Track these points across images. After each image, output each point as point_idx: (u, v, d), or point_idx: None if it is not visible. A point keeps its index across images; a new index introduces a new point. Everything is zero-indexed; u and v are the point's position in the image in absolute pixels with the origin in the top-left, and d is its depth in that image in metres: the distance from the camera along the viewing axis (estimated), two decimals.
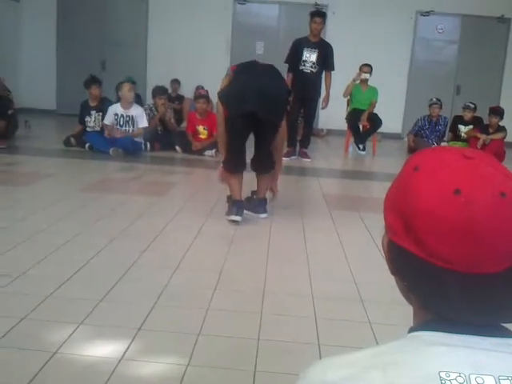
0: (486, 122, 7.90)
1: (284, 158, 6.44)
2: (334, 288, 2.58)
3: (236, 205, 3.59)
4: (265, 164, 3.78)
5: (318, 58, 6.35)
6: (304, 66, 6.38)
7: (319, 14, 6.32)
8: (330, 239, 3.39)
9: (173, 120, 6.97)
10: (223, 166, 3.72)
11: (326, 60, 6.40)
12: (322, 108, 6.83)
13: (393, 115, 9.57)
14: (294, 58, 6.39)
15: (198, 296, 2.37)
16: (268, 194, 3.95)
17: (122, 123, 6.33)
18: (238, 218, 3.53)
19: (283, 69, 6.53)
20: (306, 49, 6.36)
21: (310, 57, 6.35)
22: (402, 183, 0.69)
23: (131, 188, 4.74)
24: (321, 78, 6.52)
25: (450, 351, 0.59)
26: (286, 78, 6.43)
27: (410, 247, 0.65)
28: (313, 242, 3.30)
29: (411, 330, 0.67)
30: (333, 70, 6.52)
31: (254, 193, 3.88)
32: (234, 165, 3.63)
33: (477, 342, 0.60)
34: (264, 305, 2.30)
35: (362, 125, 7.58)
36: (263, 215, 3.78)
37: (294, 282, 2.63)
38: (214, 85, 10.75)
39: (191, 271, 2.69)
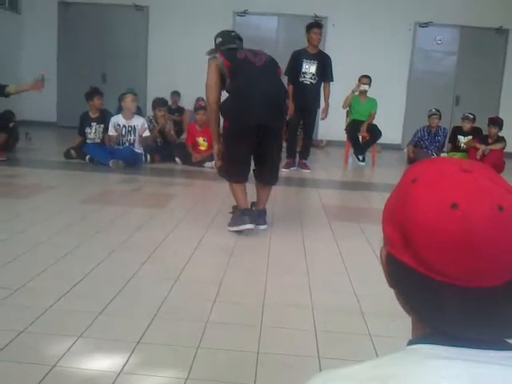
0: (485, 132, 7.92)
1: (284, 169, 6.49)
2: (333, 300, 2.58)
3: (247, 213, 3.57)
4: (272, 175, 3.75)
5: (318, 69, 6.39)
6: (304, 77, 6.42)
7: (317, 25, 6.38)
8: (330, 250, 3.39)
9: (173, 132, 6.99)
10: (229, 179, 3.68)
11: (325, 71, 6.45)
12: (322, 118, 6.86)
13: (392, 126, 9.61)
14: (294, 69, 6.43)
15: (197, 309, 2.36)
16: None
17: (124, 133, 6.37)
18: (251, 226, 3.53)
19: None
20: (305, 60, 6.41)
21: (310, 68, 6.39)
22: (400, 195, 0.69)
23: (131, 200, 4.75)
24: (320, 88, 6.57)
25: (449, 364, 0.59)
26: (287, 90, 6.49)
27: (408, 261, 0.65)
28: (312, 253, 3.30)
29: (410, 342, 0.67)
30: (332, 80, 6.57)
31: (253, 204, 3.86)
32: (241, 176, 3.63)
33: (476, 354, 0.60)
34: (264, 317, 2.29)
35: (362, 136, 7.60)
36: (263, 227, 3.77)
37: (294, 294, 2.63)
38: None
39: (191, 283, 2.68)
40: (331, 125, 9.07)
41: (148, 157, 6.46)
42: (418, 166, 0.72)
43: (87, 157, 6.31)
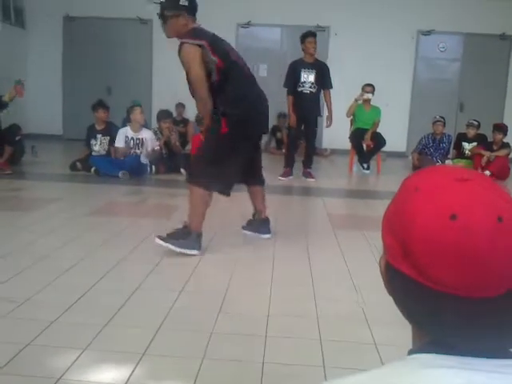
0: (490, 138, 7.91)
1: (281, 178, 6.52)
2: (339, 309, 2.57)
3: (201, 238, 3.32)
4: (262, 175, 3.75)
5: (316, 77, 6.41)
6: (303, 87, 6.45)
7: (312, 34, 6.40)
8: (335, 259, 3.38)
9: (178, 143, 7.02)
10: (207, 185, 3.26)
11: (324, 79, 6.47)
12: (327, 126, 6.85)
13: (397, 134, 9.61)
14: (293, 80, 6.46)
15: (202, 319, 2.36)
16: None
17: (132, 146, 6.43)
18: (199, 253, 3.27)
19: (284, 92, 6.61)
20: (303, 70, 6.43)
21: (308, 77, 6.42)
22: (398, 205, 0.69)
23: (137, 211, 4.76)
24: (319, 97, 6.58)
25: (448, 373, 0.59)
26: (287, 101, 6.53)
27: (407, 270, 0.65)
28: (317, 262, 3.29)
29: (410, 352, 0.67)
30: (331, 87, 6.58)
31: (254, 214, 3.82)
32: (228, 188, 3.40)
33: (477, 363, 0.60)
34: (268, 328, 2.29)
35: (366, 144, 7.61)
36: (266, 236, 3.76)
37: (299, 303, 2.62)
38: None
39: (196, 294, 2.69)
40: (335, 133, 9.09)
41: (153, 168, 6.50)
42: (416, 176, 0.72)
43: (93, 169, 6.35)
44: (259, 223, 3.77)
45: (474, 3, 9.65)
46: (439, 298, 0.62)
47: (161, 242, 3.21)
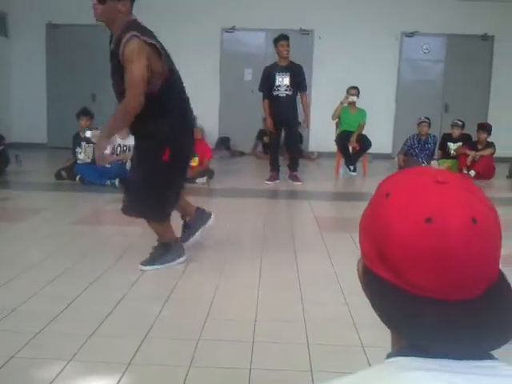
0: (474, 138, 7.98)
1: (267, 182, 6.53)
2: (326, 312, 2.57)
3: (180, 244, 3.27)
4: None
5: (291, 80, 6.42)
6: (278, 90, 6.46)
7: (284, 38, 6.41)
8: (322, 262, 3.38)
9: None
10: (164, 215, 3.12)
11: (299, 81, 6.47)
12: (304, 128, 6.83)
13: (383, 135, 9.67)
14: (268, 84, 6.48)
15: (188, 327, 2.35)
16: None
17: (118, 153, 6.40)
18: (186, 256, 3.24)
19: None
20: (277, 74, 6.45)
21: (283, 81, 6.43)
22: (374, 210, 0.69)
23: (122, 219, 4.65)
24: (296, 99, 6.58)
25: (426, 375, 0.59)
26: (262, 105, 6.54)
27: (384, 274, 0.65)
28: (305, 265, 3.30)
29: (389, 355, 0.67)
30: (306, 89, 6.59)
31: (184, 217, 3.52)
32: (173, 208, 3.25)
33: (456, 365, 0.60)
34: (256, 333, 2.28)
35: (352, 146, 7.64)
36: (211, 220, 3.48)
37: (286, 308, 2.62)
38: (205, 113, 10.83)
39: (182, 302, 2.67)
40: (322, 136, 9.13)
41: None
42: (391, 180, 0.71)
43: (78, 177, 6.30)
44: (195, 218, 3.45)
45: (456, 4, 9.75)
46: (416, 302, 0.62)
47: (147, 268, 3.10)
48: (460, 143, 7.98)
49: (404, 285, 0.63)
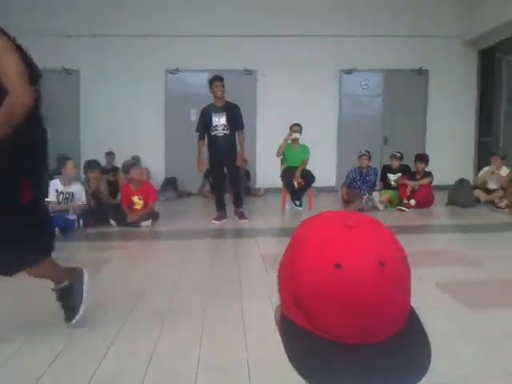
0: (413, 168, 8.27)
1: (214, 222, 6.52)
2: (270, 356, 2.53)
3: (74, 271, 2.99)
4: None
5: (228, 120, 6.53)
6: (216, 130, 6.55)
7: (219, 79, 6.53)
8: (267, 302, 3.36)
9: (107, 192, 6.88)
10: (48, 254, 2.77)
11: (236, 120, 6.59)
12: (238, 165, 6.79)
13: (326, 169, 9.89)
14: (205, 125, 6.57)
15: (132, 382, 2.27)
16: None
17: (61, 200, 6.20)
18: (87, 276, 3.01)
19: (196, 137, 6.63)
20: (214, 114, 6.55)
21: (220, 120, 6.53)
22: (288, 257, 0.70)
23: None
24: (234, 138, 6.68)
25: None
26: (197, 146, 6.57)
27: (300, 321, 0.65)
28: (250, 306, 3.26)
29: None
30: (243, 128, 6.68)
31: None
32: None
33: None
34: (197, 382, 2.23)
35: (297, 182, 7.76)
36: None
37: (229, 352, 2.58)
38: (150, 154, 10.75)
39: (121, 356, 2.58)
40: (268, 173, 9.24)
41: (81, 221, 6.30)
42: (304, 226, 0.72)
43: None
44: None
45: (391, 41, 10.23)
46: (327, 347, 0.62)
47: (74, 320, 2.87)
48: (399, 174, 8.25)
49: (316, 330, 0.63)
